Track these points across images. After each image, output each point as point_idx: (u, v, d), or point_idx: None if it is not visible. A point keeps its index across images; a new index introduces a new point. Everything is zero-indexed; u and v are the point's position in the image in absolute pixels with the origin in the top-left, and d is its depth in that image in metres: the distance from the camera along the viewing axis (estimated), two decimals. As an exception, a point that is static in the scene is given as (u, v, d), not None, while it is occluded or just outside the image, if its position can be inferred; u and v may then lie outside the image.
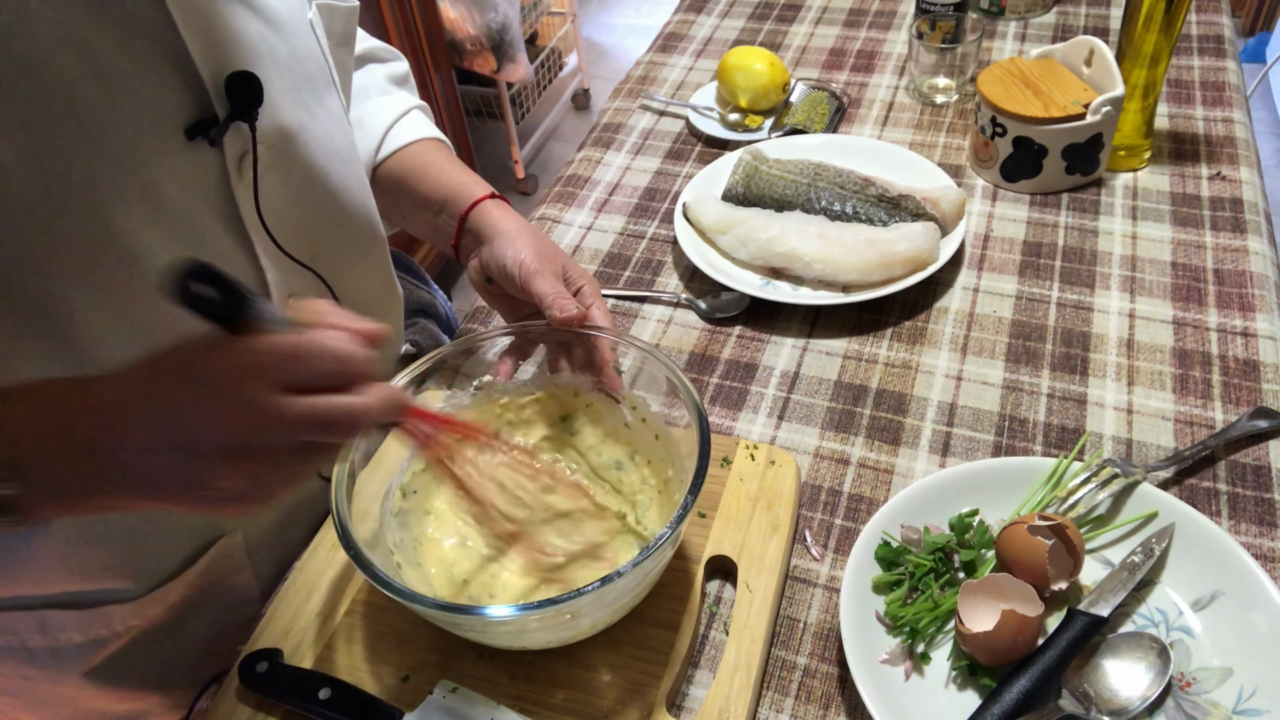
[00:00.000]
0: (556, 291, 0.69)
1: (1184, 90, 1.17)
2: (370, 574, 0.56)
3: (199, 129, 0.56)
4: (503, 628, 0.59)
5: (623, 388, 0.70)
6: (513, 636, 0.62)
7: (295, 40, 0.65)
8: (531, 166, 2.92)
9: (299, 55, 0.66)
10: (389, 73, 0.89)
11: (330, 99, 0.71)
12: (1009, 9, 1.34)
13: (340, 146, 0.72)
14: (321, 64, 0.70)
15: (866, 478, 0.79)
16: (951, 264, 0.97)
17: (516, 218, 0.77)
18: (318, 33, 0.70)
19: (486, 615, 0.55)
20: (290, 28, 0.65)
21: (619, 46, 3.53)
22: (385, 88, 0.87)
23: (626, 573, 0.55)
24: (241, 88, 0.57)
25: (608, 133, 1.23)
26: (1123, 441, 0.79)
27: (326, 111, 0.70)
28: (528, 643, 0.63)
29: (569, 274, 0.73)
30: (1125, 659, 0.62)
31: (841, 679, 0.66)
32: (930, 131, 1.16)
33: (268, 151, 0.62)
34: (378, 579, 0.55)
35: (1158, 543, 0.68)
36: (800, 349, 0.91)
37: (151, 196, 0.55)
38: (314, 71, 0.68)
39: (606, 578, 0.54)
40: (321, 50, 0.70)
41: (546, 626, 0.59)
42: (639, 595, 0.64)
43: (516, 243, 0.73)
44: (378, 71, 0.88)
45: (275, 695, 0.64)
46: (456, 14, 2.38)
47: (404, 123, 0.85)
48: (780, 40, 1.37)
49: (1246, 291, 0.90)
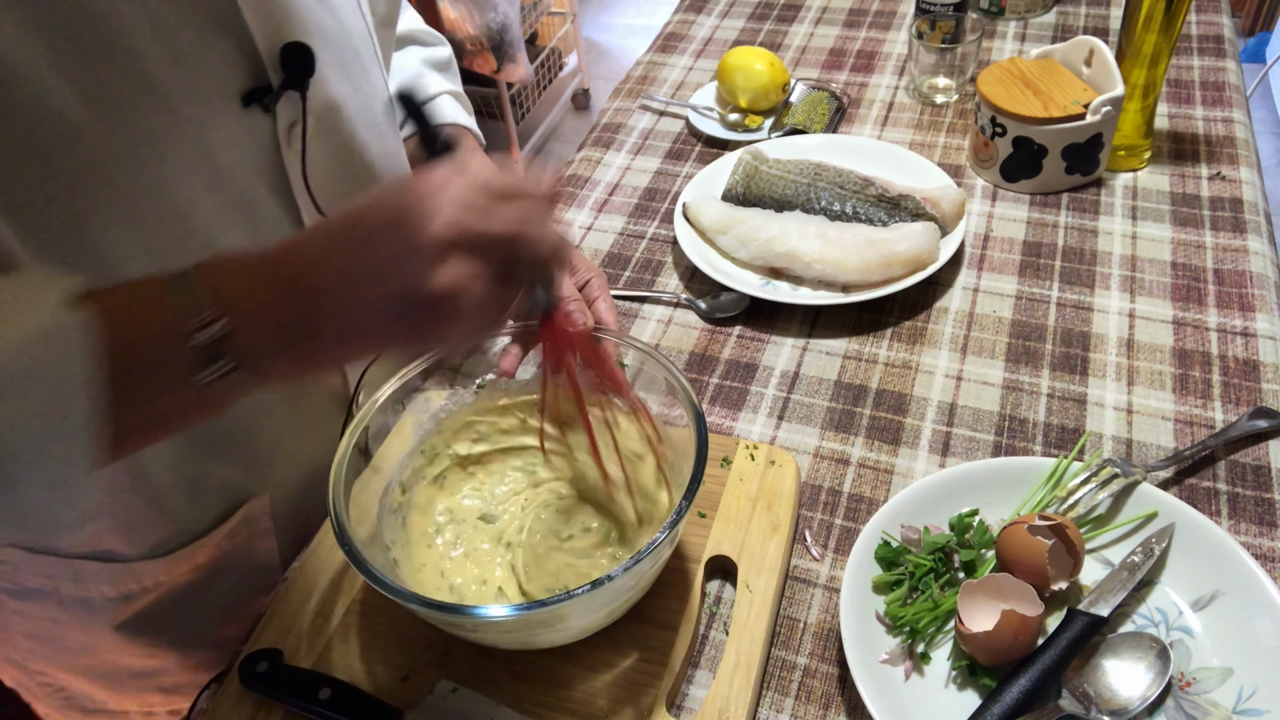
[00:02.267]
0: (565, 297, 0.69)
1: (1184, 90, 1.17)
2: (364, 570, 0.56)
3: (254, 96, 0.59)
4: (495, 627, 0.59)
5: (629, 389, 0.70)
6: (507, 637, 0.62)
7: (343, 15, 0.67)
8: (531, 166, 2.92)
9: (346, 30, 0.68)
10: (428, 56, 0.90)
11: (374, 74, 0.73)
12: (1009, 9, 1.34)
13: (380, 121, 0.74)
14: (367, 40, 0.72)
15: (866, 478, 0.79)
16: (951, 264, 0.97)
17: None
18: (364, 10, 0.72)
19: (478, 615, 0.55)
20: (338, 2, 0.67)
21: (619, 46, 3.53)
22: (420, 70, 0.88)
23: (618, 576, 0.55)
24: (294, 58, 0.60)
25: (608, 133, 1.23)
26: (1123, 441, 0.79)
27: (371, 86, 0.72)
28: (525, 643, 0.63)
29: (576, 267, 0.74)
30: (1125, 659, 0.62)
31: (841, 679, 0.66)
32: (930, 131, 1.16)
33: (315, 121, 0.65)
34: (371, 575, 0.56)
35: (1158, 543, 0.68)
36: (800, 349, 0.91)
37: (206, 159, 0.58)
38: (360, 46, 0.70)
39: (597, 581, 0.54)
40: (367, 26, 0.72)
41: (538, 626, 0.59)
42: (633, 599, 0.64)
43: None
44: (416, 54, 0.89)
45: (275, 695, 0.64)
46: (456, 14, 2.38)
47: (434, 105, 0.86)
48: (780, 40, 1.37)
49: (1246, 291, 0.90)
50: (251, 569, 0.77)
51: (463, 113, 0.89)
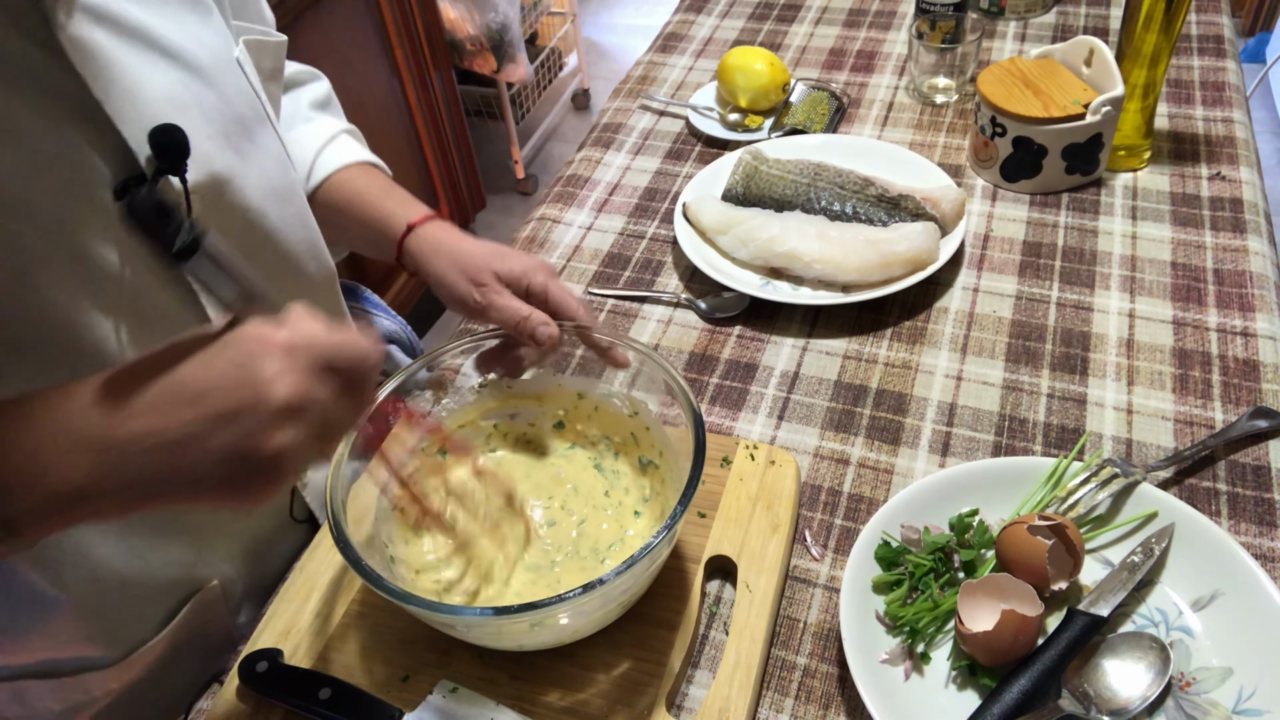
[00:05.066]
0: (521, 317, 0.68)
1: (1184, 90, 1.17)
2: (360, 569, 0.56)
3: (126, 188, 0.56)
4: (487, 628, 0.59)
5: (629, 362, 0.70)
6: (498, 637, 0.62)
7: (221, 82, 0.64)
8: (531, 166, 2.92)
9: (226, 97, 0.64)
10: (311, 97, 0.86)
11: (264, 136, 0.69)
12: (1009, 9, 1.34)
13: (278, 184, 0.70)
14: (253, 101, 0.68)
15: (866, 478, 0.79)
16: (951, 264, 0.97)
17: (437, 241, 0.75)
18: (246, 71, 0.68)
19: (467, 615, 0.55)
20: (214, 71, 0.63)
21: (619, 46, 3.53)
22: (308, 115, 0.85)
23: (610, 580, 0.55)
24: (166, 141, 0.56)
25: (608, 133, 1.23)
26: (1123, 441, 0.79)
27: (261, 150, 0.68)
28: (522, 643, 0.63)
29: (512, 270, 0.71)
30: (1125, 659, 0.62)
31: (841, 679, 0.66)
32: (930, 131, 1.16)
33: (201, 200, 0.61)
34: (367, 575, 0.56)
35: (1158, 543, 0.68)
36: (800, 349, 0.91)
37: (84, 263, 0.55)
38: (244, 111, 0.66)
39: (590, 584, 0.54)
40: (252, 88, 0.68)
41: (533, 628, 0.59)
42: (630, 600, 0.63)
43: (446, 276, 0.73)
44: (300, 97, 0.85)
45: (275, 695, 0.64)
46: (456, 14, 2.38)
47: (330, 150, 0.83)
48: (780, 40, 1.37)
49: (1246, 291, 0.90)
50: (211, 648, 0.75)
51: (362, 149, 0.85)
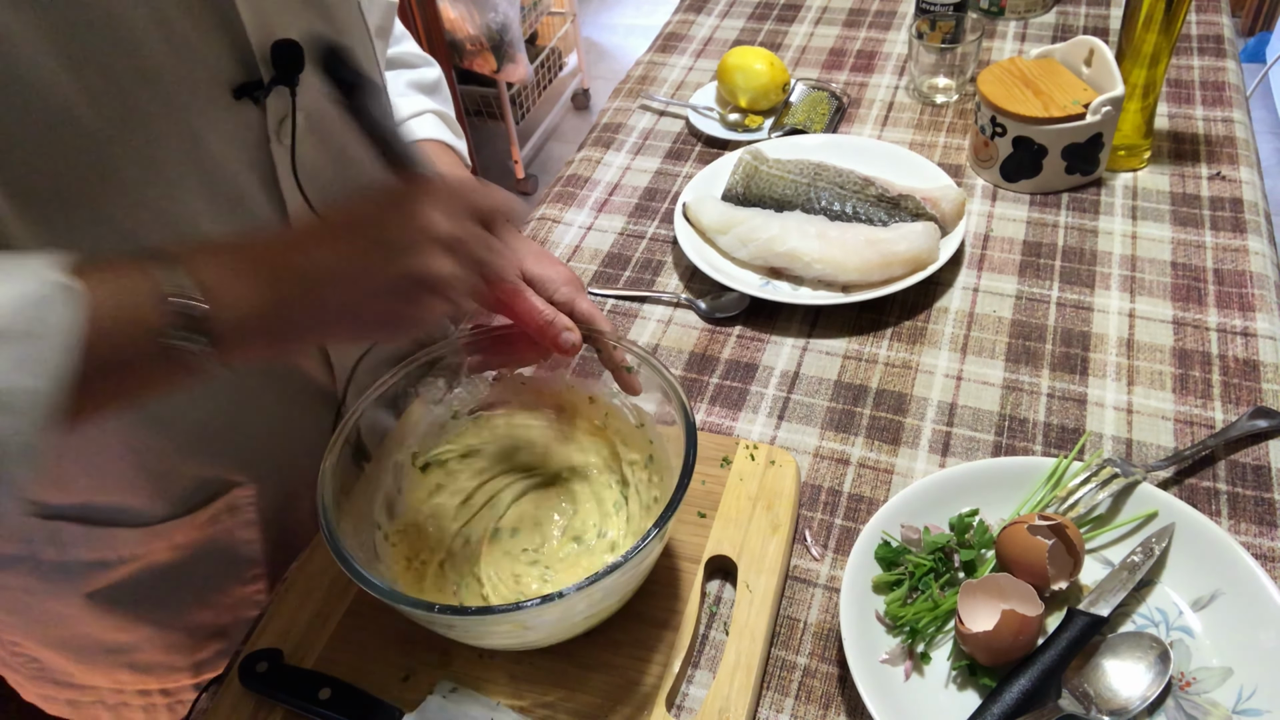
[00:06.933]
0: (545, 320, 0.68)
1: (1184, 90, 1.17)
2: (347, 566, 0.56)
3: (245, 90, 0.61)
4: (479, 628, 0.59)
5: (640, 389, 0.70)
6: (490, 638, 0.62)
7: (339, 18, 0.68)
8: (531, 166, 2.92)
9: (341, 32, 0.68)
10: (412, 78, 0.90)
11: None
12: (1009, 9, 1.34)
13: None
14: (365, 44, 0.72)
15: (866, 478, 0.79)
16: (951, 264, 0.97)
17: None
18: (364, 16, 0.72)
19: (457, 615, 0.55)
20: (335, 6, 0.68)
21: (619, 46, 3.53)
22: (403, 90, 0.89)
23: (569, 594, 0.54)
24: (285, 55, 0.62)
25: (608, 133, 1.23)
26: (1123, 441, 0.79)
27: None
28: (519, 642, 0.63)
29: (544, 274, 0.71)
30: (1125, 659, 0.62)
31: (841, 679, 0.66)
32: (930, 131, 1.16)
33: (305, 118, 0.65)
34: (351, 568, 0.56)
35: (1158, 542, 0.68)
36: (800, 349, 0.91)
37: (197, 145, 0.60)
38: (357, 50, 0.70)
39: (586, 583, 0.54)
40: (367, 32, 0.73)
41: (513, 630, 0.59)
42: (625, 596, 0.63)
43: None
44: (400, 77, 0.90)
45: (275, 695, 0.64)
46: (456, 14, 2.38)
47: (411, 124, 0.86)
48: (780, 40, 1.37)
49: (1246, 291, 0.90)
50: (231, 558, 0.78)
51: (444, 130, 0.88)
